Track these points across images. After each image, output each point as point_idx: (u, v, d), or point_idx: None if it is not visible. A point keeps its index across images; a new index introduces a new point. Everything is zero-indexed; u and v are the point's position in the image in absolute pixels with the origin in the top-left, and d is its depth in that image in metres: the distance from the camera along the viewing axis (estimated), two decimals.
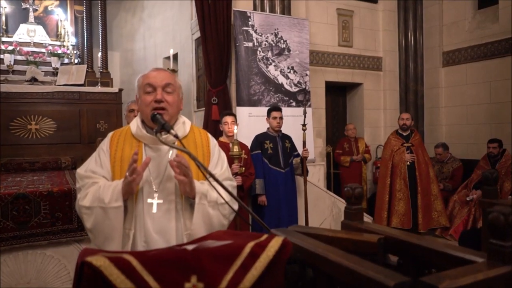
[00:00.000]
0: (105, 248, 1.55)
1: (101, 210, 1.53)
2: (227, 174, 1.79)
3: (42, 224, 3.21)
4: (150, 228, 1.57)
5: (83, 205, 1.58)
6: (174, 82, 1.69)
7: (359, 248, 1.48)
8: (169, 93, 1.66)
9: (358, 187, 1.69)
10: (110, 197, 1.53)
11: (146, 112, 1.64)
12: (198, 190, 1.57)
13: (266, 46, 5.41)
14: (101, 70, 6.83)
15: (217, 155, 1.79)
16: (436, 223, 5.43)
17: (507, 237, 1.12)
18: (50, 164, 5.05)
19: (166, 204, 1.61)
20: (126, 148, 1.66)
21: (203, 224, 1.57)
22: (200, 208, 1.57)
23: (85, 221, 1.59)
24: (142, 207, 1.59)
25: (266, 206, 4.14)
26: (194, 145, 1.73)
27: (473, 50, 6.35)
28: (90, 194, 1.58)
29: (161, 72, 1.69)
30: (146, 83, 1.65)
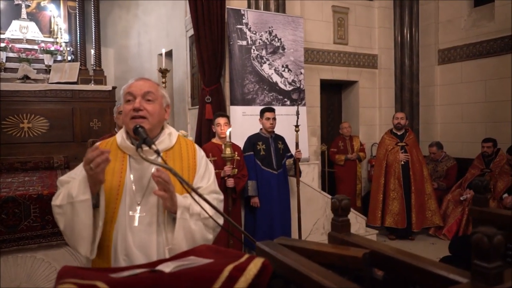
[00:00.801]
0: (78, 249, 1.53)
1: (70, 206, 1.49)
2: (213, 187, 1.76)
3: (32, 227, 3.19)
4: (130, 242, 1.55)
5: (55, 204, 1.55)
6: (155, 90, 1.65)
7: (345, 262, 1.46)
8: (149, 102, 1.63)
9: (345, 198, 1.66)
10: (77, 191, 1.49)
11: (126, 121, 1.62)
12: (180, 204, 1.54)
13: (260, 45, 5.37)
14: (95, 67, 6.77)
15: (203, 168, 1.76)
16: (430, 222, 5.45)
17: (491, 258, 1.10)
18: (42, 163, 5.00)
19: (148, 217, 1.58)
20: (110, 159, 1.64)
21: (184, 239, 1.54)
22: (181, 223, 1.54)
23: (58, 222, 1.55)
24: (124, 219, 1.57)
25: (258, 207, 4.13)
26: (180, 158, 1.71)
27: (469, 48, 6.33)
28: (62, 194, 1.55)
29: (142, 81, 1.66)
30: (126, 92, 1.63)
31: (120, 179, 1.60)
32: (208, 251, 1.37)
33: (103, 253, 1.57)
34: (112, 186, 1.59)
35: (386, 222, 5.40)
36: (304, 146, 5.20)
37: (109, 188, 1.58)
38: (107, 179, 1.58)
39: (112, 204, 1.58)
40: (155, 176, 1.46)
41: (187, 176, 1.68)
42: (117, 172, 1.61)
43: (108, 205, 1.57)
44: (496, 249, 1.08)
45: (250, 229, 4.20)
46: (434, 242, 5.35)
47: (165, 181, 1.46)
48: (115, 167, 1.62)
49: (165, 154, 1.67)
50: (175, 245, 1.53)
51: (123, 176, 1.61)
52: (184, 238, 1.54)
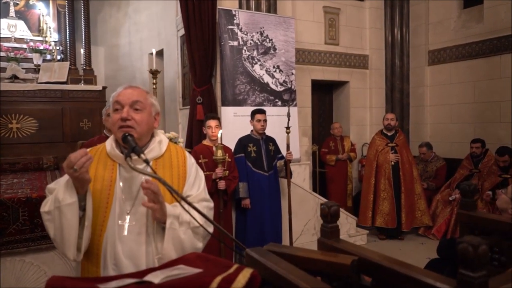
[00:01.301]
0: (66, 253, 1.52)
1: (57, 211, 1.48)
2: (203, 195, 1.75)
3: (21, 230, 3.16)
4: (120, 251, 1.54)
5: (43, 211, 1.53)
6: (144, 99, 1.64)
7: (333, 270, 1.47)
8: (138, 111, 1.61)
9: (334, 205, 1.68)
10: (63, 194, 1.48)
11: (114, 130, 1.61)
12: (169, 213, 1.54)
13: (251, 45, 5.37)
14: (85, 67, 6.71)
15: (194, 175, 1.75)
16: (419, 222, 5.50)
17: (476, 268, 1.12)
18: (31, 164, 4.96)
19: (138, 226, 1.58)
20: (99, 168, 1.62)
21: (173, 249, 1.54)
22: (171, 233, 1.54)
23: (48, 228, 1.53)
24: (113, 228, 1.56)
25: (249, 209, 4.13)
26: (170, 166, 1.70)
27: (458, 50, 6.39)
28: (50, 200, 1.54)
29: (130, 90, 1.64)
30: (114, 100, 1.62)
31: (109, 188, 1.59)
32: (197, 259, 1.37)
33: (93, 260, 1.57)
34: (102, 195, 1.58)
35: (376, 222, 5.44)
36: (295, 147, 5.21)
37: (99, 197, 1.57)
38: (96, 188, 1.57)
39: (101, 213, 1.57)
40: (144, 187, 1.45)
41: (177, 184, 1.68)
42: (107, 181, 1.60)
43: (97, 214, 1.56)
44: (480, 258, 1.10)
45: (241, 231, 4.20)
46: (423, 242, 5.41)
47: (154, 193, 1.46)
48: (105, 176, 1.61)
49: (155, 162, 1.66)
50: (164, 255, 1.52)
51: (113, 185, 1.59)
52: (173, 248, 1.54)
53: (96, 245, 1.56)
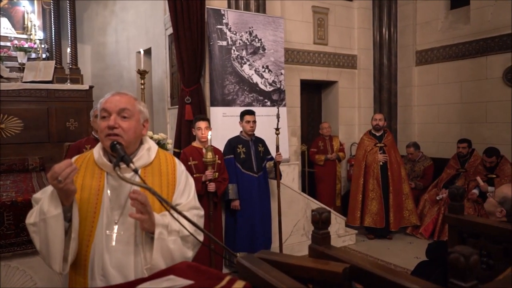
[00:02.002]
0: (52, 265, 1.49)
1: (43, 223, 1.45)
2: (193, 203, 1.73)
3: (6, 235, 3.10)
4: (107, 262, 1.51)
5: (29, 223, 1.50)
6: (131, 106, 1.61)
7: (325, 277, 1.47)
8: (125, 119, 1.58)
9: (325, 211, 1.67)
10: (48, 206, 1.45)
11: (101, 138, 1.58)
12: (158, 223, 1.51)
13: (240, 45, 5.34)
14: (71, 66, 6.60)
15: (183, 183, 1.72)
16: (407, 221, 5.55)
17: (467, 278, 1.12)
18: (16, 166, 4.88)
19: (126, 236, 1.55)
20: (87, 176, 1.59)
21: (162, 259, 1.52)
22: (159, 243, 1.51)
23: (34, 240, 1.50)
24: (101, 239, 1.53)
25: (239, 210, 4.12)
26: (159, 173, 1.67)
27: (445, 50, 6.45)
28: (35, 211, 1.51)
29: (118, 96, 1.61)
30: (102, 108, 1.59)
31: (97, 197, 1.56)
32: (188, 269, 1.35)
33: (80, 271, 1.54)
34: (89, 204, 1.55)
35: (365, 222, 5.48)
36: (284, 147, 5.21)
37: (86, 206, 1.54)
38: (84, 197, 1.54)
39: (89, 223, 1.54)
40: (131, 198, 1.43)
41: (166, 192, 1.65)
42: (94, 189, 1.57)
43: (85, 224, 1.53)
44: (472, 268, 1.10)
45: (231, 233, 4.19)
46: (411, 241, 5.46)
47: (141, 203, 1.43)
48: (92, 184, 1.58)
49: (143, 170, 1.64)
50: (153, 265, 1.50)
51: (100, 194, 1.56)
52: (162, 258, 1.52)
53: (83, 255, 1.53)
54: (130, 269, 1.52)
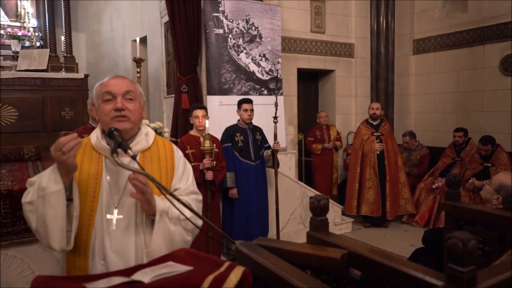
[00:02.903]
0: (52, 244, 1.46)
1: (42, 200, 1.43)
2: (192, 188, 1.73)
3: (3, 224, 3.09)
4: (108, 246, 1.51)
5: (25, 202, 1.48)
6: (134, 89, 1.61)
7: (323, 264, 1.47)
8: (130, 101, 1.58)
9: (323, 198, 1.68)
10: (48, 181, 1.42)
11: (106, 121, 1.55)
12: (159, 207, 1.51)
13: (237, 33, 5.30)
14: (65, 54, 6.53)
15: (182, 168, 1.72)
16: (403, 210, 5.59)
17: (465, 263, 1.13)
18: (12, 155, 4.83)
19: (126, 220, 1.55)
20: (85, 161, 1.58)
21: (163, 242, 1.52)
22: (161, 226, 1.52)
23: (30, 219, 1.48)
24: (101, 223, 1.53)
25: (237, 199, 4.13)
26: (157, 159, 1.66)
27: (442, 39, 6.43)
28: (32, 190, 1.49)
29: (120, 79, 1.60)
30: (105, 91, 1.56)
31: (96, 181, 1.55)
32: (187, 256, 1.35)
33: (81, 255, 1.54)
34: (88, 189, 1.54)
35: (362, 210, 5.51)
36: (281, 136, 5.20)
37: (85, 191, 1.53)
38: (82, 182, 1.53)
39: (88, 207, 1.53)
40: (131, 179, 1.42)
41: (165, 177, 1.65)
42: (93, 174, 1.56)
43: (84, 208, 1.52)
44: (470, 254, 1.11)
45: (229, 221, 4.20)
46: (407, 229, 5.50)
47: (142, 184, 1.43)
48: (91, 169, 1.57)
49: (142, 155, 1.63)
50: (154, 249, 1.50)
51: (99, 178, 1.56)
52: (163, 242, 1.52)
53: (84, 240, 1.52)
54: (131, 253, 1.52)
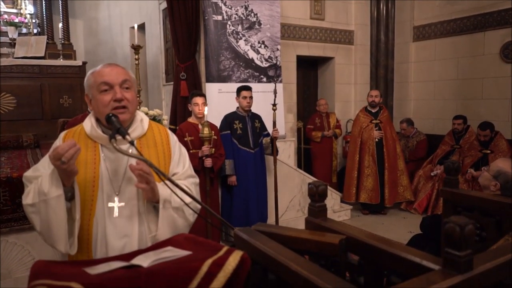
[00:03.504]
0: (56, 246, 1.48)
1: (44, 204, 1.43)
2: (189, 172, 1.74)
3: (2, 211, 3.10)
4: (111, 234, 1.51)
5: (27, 204, 1.47)
6: (130, 77, 1.59)
7: (322, 249, 1.48)
8: (127, 90, 1.57)
9: (322, 184, 1.68)
10: (49, 187, 1.42)
11: (105, 112, 1.53)
12: (162, 195, 1.52)
13: (236, 20, 5.25)
14: (63, 41, 6.48)
15: (178, 153, 1.73)
16: (402, 197, 5.61)
17: (462, 247, 1.14)
18: (10, 142, 4.83)
19: (128, 207, 1.55)
20: (81, 150, 1.54)
21: (168, 228, 1.54)
22: (165, 214, 1.53)
23: (33, 221, 1.48)
24: (102, 211, 1.53)
25: (235, 186, 4.14)
26: (154, 144, 1.66)
27: (443, 26, 6.38)
28: (32, 191, 1.48)
29: (115, 68, 1.57)
30: (101, 81, 1.53)
31: (94, 170, 1.54)
32: (185, 241, 1.36)
33: (83, 247, 1.53)
34: (87, 178, 1.53)
35: (360, 198, 5.53)
36: (280, 123, 5.19)
37: (84, 181, 1.53)
38: (80, 171, 1.52)
39: (89, 196, 1.53)
40: (136, 169, 1.42)
41: (163, 162, 1.66)
42: (90, 163, 1.55)
43: (85, 198, 1.52)
44: (467, 238, 1.12)
45: (227, 208, 4.22)
46: (405, 216, 5.54)
47: (146, 173, 1.44)
48: (87, 158, 1.55)
49: (138, 141, 1.63)
50: (159, 235, 1.52)
51: (97, 166, 1.55)
52: (167, 228, 1.54)
53: (85, 230, 1.53)
54: (134, 238, 1.53)
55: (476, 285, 1.16)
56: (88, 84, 1.58)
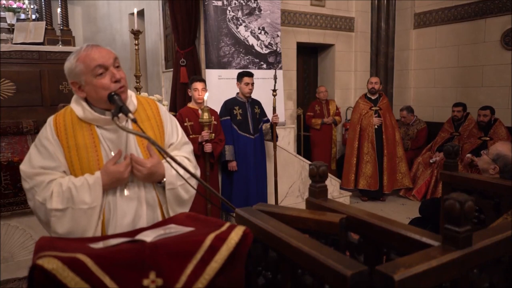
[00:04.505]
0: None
1: (79, 212, 1.45)
2: (184, 139, 1.78)
3: (4, 195, 3.12)
4: (121, 212, 1.53)
5: (53, 208, 1.45)
6: (116, 55, 1.58)
7: (322, 228, 1.50)
8: (119, 68, 1.56)
9: (322, 165, 1.69)
10: (91, 197, 1.46)
11: (106, 95, 1.50)
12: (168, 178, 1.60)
13: (236, 5, 5.21)
14: (62, 27, 6.43)
15: (169, 123, 1.75)
16: (400, 184, 5.64)
17: (461, 223, 1.15)
18: (10, 128, 4.82)
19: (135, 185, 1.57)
20: (77, 134, 1.54)
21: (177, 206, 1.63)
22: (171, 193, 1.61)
23: (54, 225, 1.46)
24: (113, 191, 1.54)
25: (235, 172, 4.15)
26: (147, 118, 1.67)
27: (444, 13, 6.34)
28: (58, 195, 1.46)
29: (102, 49, 1.53)
30: (95, 65, 1.48)
31: (96, 152, 1.54)
32: (188, 219, 1.38)
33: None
34: (91, 162, 1.53)
35: (359, 184, 5.56)
36: (280, 110, 5.18)
37: (88, 164, 1.52)
38: (82, 155, 1.53)
39: None
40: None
41: (158, 135, 1.67)
42: (90, 146, 1.54)
43: None
44: (466, 214, 1.13)
45: (227, 194, 4.24)
46: (404, 202, 5.57)
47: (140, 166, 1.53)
48: (86, 142, 1.54)
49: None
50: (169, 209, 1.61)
51: (98, 149, 1.54)
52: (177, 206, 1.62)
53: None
54: (143, 216, 1.56)
55: (474, 260, 1.18)
56: (77, 71, 1.52)
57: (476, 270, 1.22)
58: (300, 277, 1.24)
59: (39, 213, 1.50)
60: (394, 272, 1.00)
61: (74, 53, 1.56)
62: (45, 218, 1.49)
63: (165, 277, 0.98)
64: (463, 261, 1.14)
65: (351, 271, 1.01)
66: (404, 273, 1.00)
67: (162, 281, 0.97)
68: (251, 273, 1.42)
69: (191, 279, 1.00)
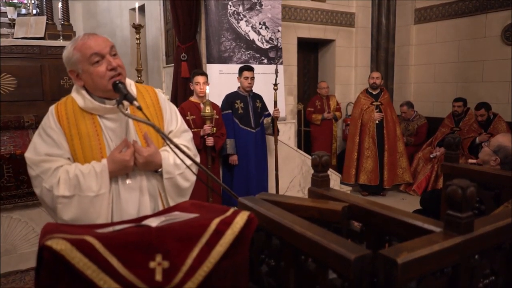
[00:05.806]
0: None
1: (86, 199, 1.47)
2: (183, 127, 1.79)
3: (6, 187, 3.13)
4: (125, 200, 1.55)
5: (60, 195, 1.47)
6: (113, 43, 1.58)
7: (324, 216, 1.52)
8: (115, 56, 1.56)
9: (325, 155, 1.70)
10: (98, 185, 1.48)
11: (103, 84, 1.51)
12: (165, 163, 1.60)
13: (237, 0, 5.21)
14: (62, 22, 6.41)
15: (168, 110, 1.75)
16: (400, 179, 5.66)
17: (463, 209, 1.16)
18: (12, 123, 4.84)
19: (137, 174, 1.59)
20: (80, 123, 1.55)
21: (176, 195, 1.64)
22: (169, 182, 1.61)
23: (60, 211, 1.48)
24: (116, 179, 1.55)
25: (236, 165, 4.17)
26: (146, 106, 1.67)
27: (444, 8, 6.34)
28: (65, 182, 1.48)
29: (98, 37, 1.54)
30: (91, 53, 1.49)
31: (98, 142, 1.55)
32: (192, 206, 1.39)
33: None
34: (94, 150, 1.54)
35: (360, 179, 5.57)
36: (281, 105, 5.19)
37: (91, 153, 1.54)
38: (85, 144, 1.54)
39: None
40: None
41: (157, 122, 1.68)
42: (93, 135, 1.55)
43: None
44: (468, 200, 1.15)
45: (228, 187, 4.25)
46: (404, 197, 5.59)
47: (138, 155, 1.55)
48: (89, 131, 1.55)
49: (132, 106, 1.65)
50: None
51: (101, 138, 1.56)
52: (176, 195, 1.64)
53: None
54: (146, 205, 1.58)
55: (476, 246, 1.20)
56: (75, 60, 1.53)
57: (477, 256, 1.23)
58: (303, 263, 1.25)
59: (45, 200, 1.51)
60: (397, 256, 1.01)
61: (71, 41, 1.57)
62: (52, 204, 1.50)
63: (171, 260, 0.99)
64: (464, 246, 1.15)
65: (355, 255, 1.02)
66: (406, 257, 1.02)
67: (168, 264, 0.98)
68: (254, 261, 1.44)
69: (197, 262, 1.01)
